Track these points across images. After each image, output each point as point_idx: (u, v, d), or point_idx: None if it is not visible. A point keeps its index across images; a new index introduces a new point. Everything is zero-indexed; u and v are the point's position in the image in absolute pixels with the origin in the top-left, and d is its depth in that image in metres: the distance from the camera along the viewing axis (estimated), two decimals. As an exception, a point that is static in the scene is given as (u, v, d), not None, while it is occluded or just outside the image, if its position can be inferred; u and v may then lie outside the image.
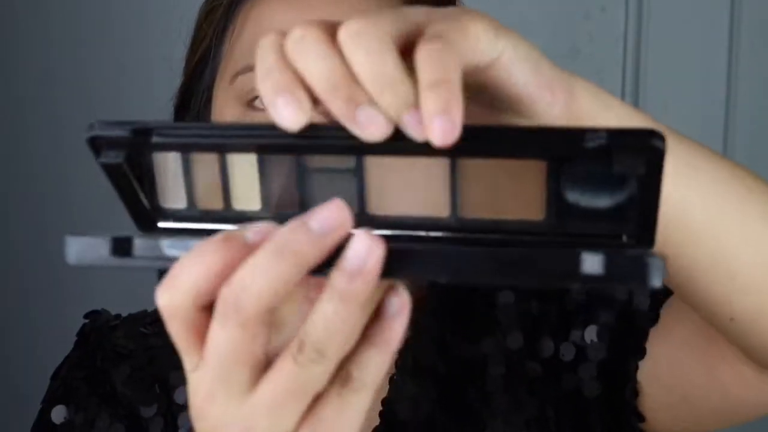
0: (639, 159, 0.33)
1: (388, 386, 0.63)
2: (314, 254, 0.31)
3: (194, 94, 0.64)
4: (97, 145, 0.38)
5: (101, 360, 0.68)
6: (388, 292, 0.33)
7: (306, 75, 0.32)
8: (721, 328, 0.50)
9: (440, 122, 0.31)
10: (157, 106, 0.69)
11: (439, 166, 0.35)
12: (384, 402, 0.63)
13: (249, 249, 0.31)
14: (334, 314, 0.32)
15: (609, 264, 0.31)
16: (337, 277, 0.31)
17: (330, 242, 0.31)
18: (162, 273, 0.38)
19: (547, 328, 0.66)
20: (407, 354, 0.64)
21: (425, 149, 0.32)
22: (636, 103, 1.31)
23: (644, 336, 0.62)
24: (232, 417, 0.33)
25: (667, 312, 0.62)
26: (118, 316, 0.72)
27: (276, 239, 0.31)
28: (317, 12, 0.57)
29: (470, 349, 0.66)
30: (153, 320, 0.71)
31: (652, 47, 1.33)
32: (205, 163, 0.37)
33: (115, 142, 0.37)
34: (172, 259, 0.33)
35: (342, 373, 0.33)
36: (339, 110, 0.32)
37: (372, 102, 0.32)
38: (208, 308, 0.33)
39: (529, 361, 0.65)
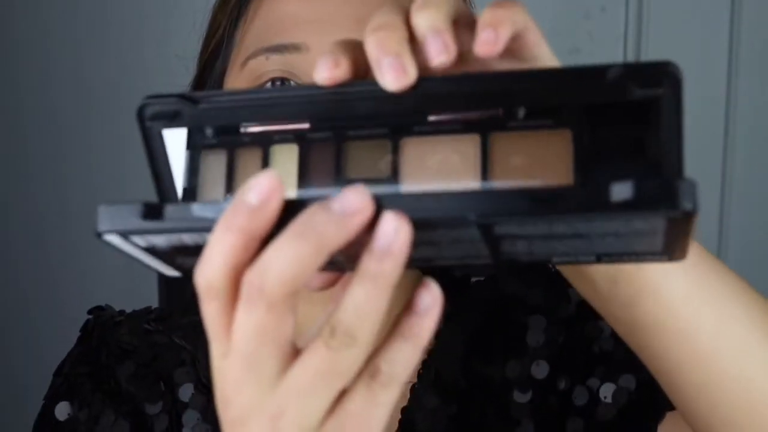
0: (656, 83, 0.35)
1: (408, 395, 0.63)
2: (336, 236, 0.31)
3: (206, 85, 0.65)
4: (144, 115, 0.39)
5: (105, 356, 0.67)
6: (419, 287, 0.33)
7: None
8: None
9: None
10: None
11: (470, 142, 0.36)
12: (403, 411, 0.63)
13: (261, 210, 0.31)
14: (365, 297, 0.32)
15: (638, 190, 0.31)
16: (367, 259, 0.32)
17: (351, 224, 0.31)
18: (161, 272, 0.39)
19: (568, 363, 0.65)
20: (430, 366, 0.64)
21: (459, 128, 0.35)
22: (636, 103, 1.31)
23: (659, 416, 0.60)
24: (260, 405, 0.33)
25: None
26: (122, 312, 0.72)
27: (298, 221, 0.31)
28: (330, 0, 0.58)
29: (494, 371, 0.65)
30: (157, 317, 0.70)
31: (652, 47, 1.33)
32: (247, 158, 0.37)
33: (163, 111, 0.38)
34: (203, 221, 0.33)
35: (371, 367, 0.33)
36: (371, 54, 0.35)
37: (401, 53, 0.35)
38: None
39: (550, 394, 0.65)
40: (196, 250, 0.34)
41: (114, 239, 0.35)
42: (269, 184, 0.31)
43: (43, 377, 0.71)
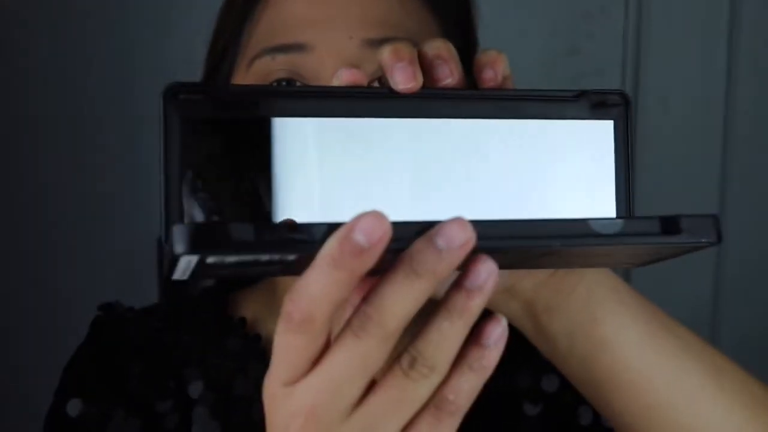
0: (610, 105, 0.42)
1: None
2: (446, 270, 0.32)
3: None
4: (168, 99, 0.39)
5: (115, 353, 0.67)
6: (489, 320, 0.35)
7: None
8: None
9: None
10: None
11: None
12: None
13: (369, 253, 0.32)
14: (449, 330, 0.33)
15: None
16: (456, 294, 0.33)
17: (458, 257, 0.32)
18: (161, 262, 0.38)
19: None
20: None
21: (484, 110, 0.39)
22: (636, 103, 1.31)
23: None
24: None
25: None
26: (131, 308, 0.72)
27: (409, 259, 0.32)
28: (335, 0, 0.58)
29: (503, 382, 0.65)
30: (166, 315, 0.70)
31: (652, 47, 1.33)
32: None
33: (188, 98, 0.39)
34: (301, 248, 0.33)
35: (438, 396, 0.35)
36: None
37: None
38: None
39: (560, 409, 0.65)
40: (260, 264, 0.34)
41: (188, 259, 0.34)
42: (380, 228, 0.31)
43: (43, 375, 0.71)
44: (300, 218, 0.39)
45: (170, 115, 0.38)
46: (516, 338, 0.65)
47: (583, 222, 0.35)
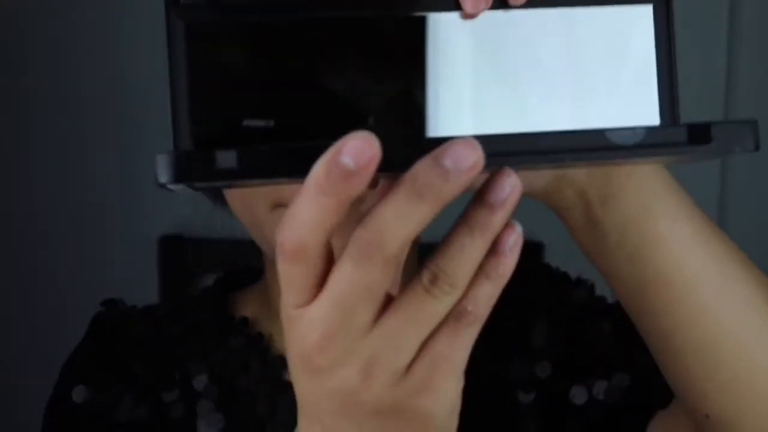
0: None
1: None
2: (452, 192, 0.31)
3: None
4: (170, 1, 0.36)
5: (119, 346, 0.68)
6: (504, 227, 0.33)
7: None
8: (700, 427, 0.50)
9: None
10: (158, 107, 0.69)
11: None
12: None
13: (358, 177, 0.30)
14: (471, 246, 0.32)
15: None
16: (479, 209, 0.32)
17: (466, 179, 0.31)
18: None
19: (569, 363, 0.65)
20: None
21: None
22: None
23: (649, 415, 0.61)
24: (352, 353, 0.34)
25: (678, 401, 0.59)
26: (133, 307, 0.72)
27: (412, 179, 0.31)
28: None
29: (498, 370, 0.65)
30: (168, 312, 0.71)
31: (652, 47, 1.33)
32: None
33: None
34: (294, 170, 0.31)
35: (457, 308, 0.34)
36: None
37: None
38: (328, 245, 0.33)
39: (553, 394, 0.65)
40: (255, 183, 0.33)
41: (178, 187, 0.33)
42: (369, 149, 0.30)
43: (42, 373, 0.71)
44: (313, 128, 0.36)
45: (173, 23, 0.36)
46: (508, 328, 0.66)
47: (599, 133, 0.33)
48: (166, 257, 1.14)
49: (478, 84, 0.37)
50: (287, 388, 0.64)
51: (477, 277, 0.33)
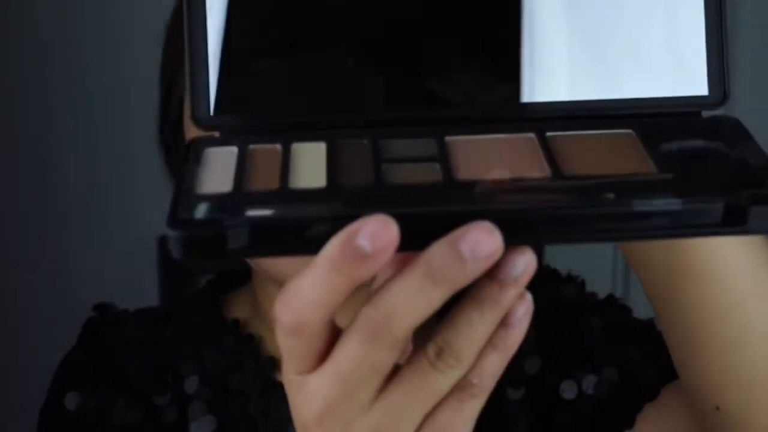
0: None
1: None
2: (466, 280, 0.30)
3: (171, 102, 0.65)
4: None
5: (111, 350, 0.68)
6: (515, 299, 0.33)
7: None
8: (707, 417, 0.49)
9: None
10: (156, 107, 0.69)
11: (529, 147, 0.34)
12: None
13: (372, 261, 0.29)
14: (479, 322, 0.32)
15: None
16: (489, 285, 0.31)
17: (483, 267, 0.30)
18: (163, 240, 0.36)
19: (558, 358, 0.65)
20: None
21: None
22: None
23: (638, 407, 0.61)
24: (354, 425, 0.33)
25: (667, 392, 0.60)
26: (125, 310, 0.72)
27: (427, 262, 0.30)
28: None
29: None
30: (161, 315, 0.71)
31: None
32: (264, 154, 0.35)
33: None
34: (303, 247, 0.30)
35: (462, 380, 0.33)
36: None
37: None
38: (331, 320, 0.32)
39: (542, 390, 0.65)
40: None
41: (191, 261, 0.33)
42: (387, 234, 0.29)
43: (41, 375, 0.71)
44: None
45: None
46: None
47: (625, 202, 0.30)
48: (166, 257, 1.14)
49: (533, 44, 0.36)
50: (278, 389, 0.64)
51: (484, 348, 0.33)
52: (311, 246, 0.30)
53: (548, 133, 0.35)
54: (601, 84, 0.36)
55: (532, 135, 0.35)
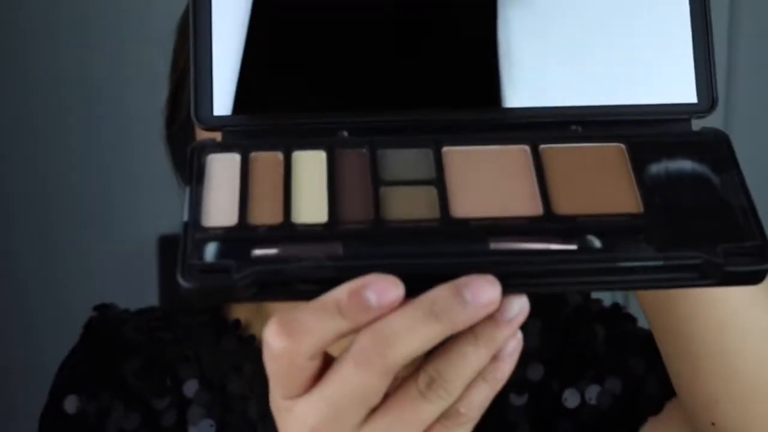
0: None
1: None
2: (466, 322, 0.32)
3: (181, 102, 0.64)
4: None
5: (111, 352, 0.68)
6: None
7: None
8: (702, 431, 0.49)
9: None
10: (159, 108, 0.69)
11: (522, 163, 0.36)
12: None
13: (375, 312, 0.32)
14: (472, 355, 0.33)
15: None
16: (486, 322, 0.33)
17: (480, 315, 0.32)
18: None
19: (562, 366, 0.65)
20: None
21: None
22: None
23: (642, 420, 0.61)
24: None
25: (670, 407, 0.60)
26: (126, 310, 0.72)
27: (430, 301, 0.32)
28: None
29: None
30: (160, 316, 0.71)
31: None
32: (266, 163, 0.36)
33: None
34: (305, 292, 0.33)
35: (449, 409, 0.34)
36: None
37: None
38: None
39: (545, 397, 0.65)
40: None
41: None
42: (394, 292, 0.31)
43: (42, 375, 0.71)
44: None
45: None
46: None
47: (609, 255, 0.33)
48: (166, 257, 1.14)
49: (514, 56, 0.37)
50: None
51: (474, 380, 0.34)
52: (314, 294, 0.32)
53: (541, 146, 0.36)
54: (590, 90, 0.38)
55: (526, 147, 0.36)
